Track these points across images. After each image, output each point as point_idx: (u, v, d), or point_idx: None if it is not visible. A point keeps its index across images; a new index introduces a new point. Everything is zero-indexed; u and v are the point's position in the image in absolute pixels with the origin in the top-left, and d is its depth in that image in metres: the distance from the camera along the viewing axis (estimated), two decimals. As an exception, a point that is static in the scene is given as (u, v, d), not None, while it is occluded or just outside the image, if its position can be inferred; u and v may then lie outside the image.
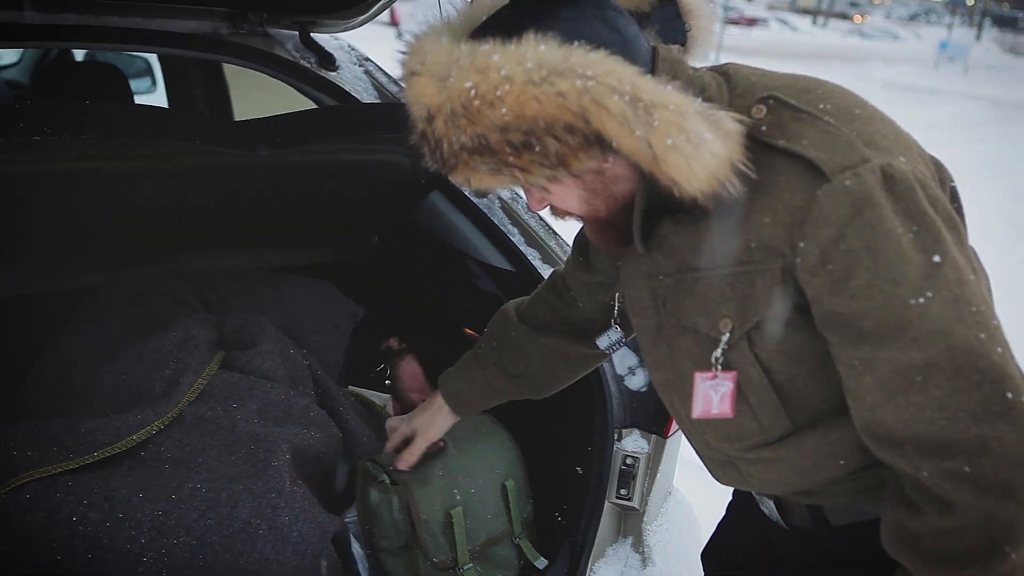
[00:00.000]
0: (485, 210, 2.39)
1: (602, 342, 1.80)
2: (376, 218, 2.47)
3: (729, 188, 1.21)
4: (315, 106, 2.53)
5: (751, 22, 45.28)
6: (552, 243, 2.37)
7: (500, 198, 2.43)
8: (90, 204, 2.08)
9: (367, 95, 2.59)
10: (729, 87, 1.33)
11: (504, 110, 1.21)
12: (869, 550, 1.35)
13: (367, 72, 2.66)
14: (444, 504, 2.00)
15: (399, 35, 22.15)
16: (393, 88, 2.64)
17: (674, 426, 2.17)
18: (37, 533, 1.70)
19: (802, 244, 1.22)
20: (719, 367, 1.37)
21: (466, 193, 2.41)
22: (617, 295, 1.75)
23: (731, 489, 1.69)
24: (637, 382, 2.16)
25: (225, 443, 1.92)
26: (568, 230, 1.91)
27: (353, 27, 2.63)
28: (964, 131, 15.92)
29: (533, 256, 2.34)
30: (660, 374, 1.52)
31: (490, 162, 1.25)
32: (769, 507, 1.59)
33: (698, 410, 1.39)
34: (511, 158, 1.24)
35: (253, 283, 2.29)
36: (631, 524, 2.19)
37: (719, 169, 1.20)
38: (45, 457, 1.81)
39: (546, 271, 2.30)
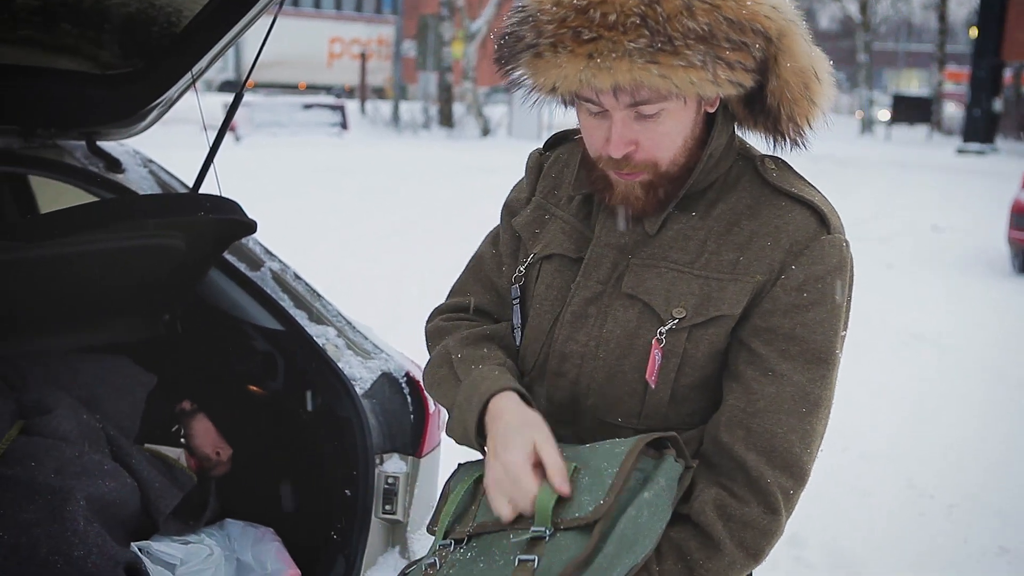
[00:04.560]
0: (258, 281, 2.75)
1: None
2: (163, 297, 2.81)
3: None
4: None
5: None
6: (317, 304, 2.75)
7: (271, 270, 2.80)
8: None
9: (152, 192, 2.94)
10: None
11: (733, 4, 1.41)
12: None
13: (151, 172, 3.02)
14: None
15: (237, 139, 22.40)
16: (175, 184, 3.00)
17: (428, 446, 2.55)
18: None
19: (793, 267, 1.53)
20: (663, 342, 1.56)
21: (240, 268, 2.77)
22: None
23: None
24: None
25: (24, 495, 2.22)
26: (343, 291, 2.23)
27: (135, 134, 2.98)
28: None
29: (301, 317, 2.70)
30: (571, 335, 1.64)
31: (702, 52, 1.40)
32: None
33: (650, 373, 1.57)
34: (727, 52, 1.42)
35: (51, 362, 2.61)
36: (397, 535, 2.54)
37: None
38: None
39: (313, 328, 2.66)
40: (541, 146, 1.87)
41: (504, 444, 1.53)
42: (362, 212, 13.47)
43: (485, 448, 1.58)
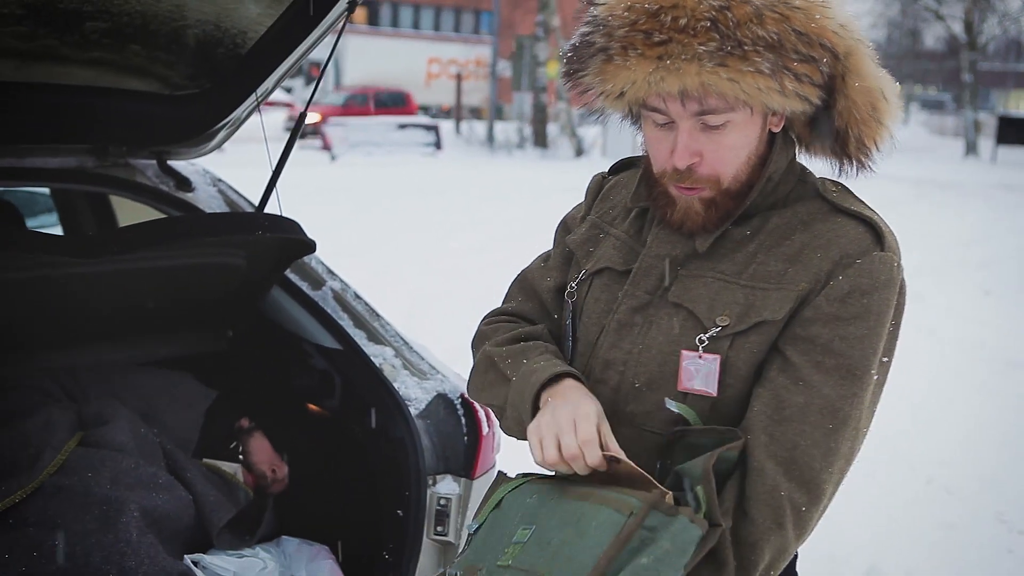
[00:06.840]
0: (319, 300, 2.77)
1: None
2: (227, 313, 2.85)
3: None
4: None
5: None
6: (376, 324, 2.76)
7: (332, 289, 2.82)
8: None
9: (219, 210, 2.99)
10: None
11: (802, 16, 1.43)
12: None
13: (220, 191, 3.07)
14: None
15: (332, 158, 22.75)
16: (243, 203, 3.04)
17: (481, 468, 2.54)
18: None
19: (840, 278, 1.50)
20: (702, 349, 1.55)
21: (302, 287, 2.79)
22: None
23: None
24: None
25: (80, 506, 2.27)
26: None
27: (205, 153, 3.03)
28: (883, 208, 16.59)
29: (360, 337, 2.71)
30: (615, 342, 1.63)
31: (771, 61, 1.42)
32: None
33: (683, 382, 1.56)
34: (795, 63, 1.43)
35: (112, 375, 2.67)
36: (450, 556, 2.52)
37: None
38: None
39: (371, 348, 2.67)
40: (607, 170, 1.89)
41: (577, 403, 1.54)
42: (449, 230, 13.53)
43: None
